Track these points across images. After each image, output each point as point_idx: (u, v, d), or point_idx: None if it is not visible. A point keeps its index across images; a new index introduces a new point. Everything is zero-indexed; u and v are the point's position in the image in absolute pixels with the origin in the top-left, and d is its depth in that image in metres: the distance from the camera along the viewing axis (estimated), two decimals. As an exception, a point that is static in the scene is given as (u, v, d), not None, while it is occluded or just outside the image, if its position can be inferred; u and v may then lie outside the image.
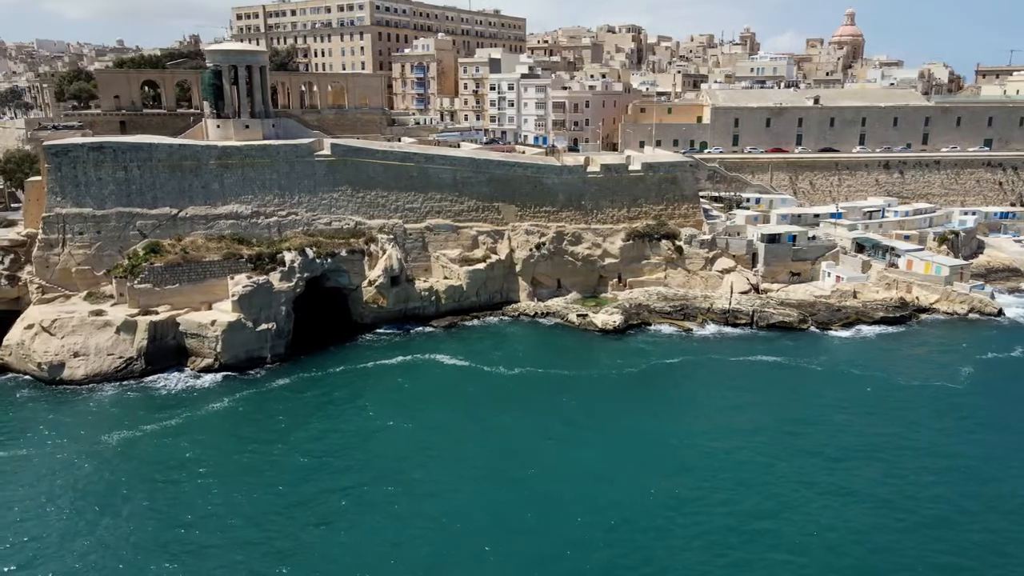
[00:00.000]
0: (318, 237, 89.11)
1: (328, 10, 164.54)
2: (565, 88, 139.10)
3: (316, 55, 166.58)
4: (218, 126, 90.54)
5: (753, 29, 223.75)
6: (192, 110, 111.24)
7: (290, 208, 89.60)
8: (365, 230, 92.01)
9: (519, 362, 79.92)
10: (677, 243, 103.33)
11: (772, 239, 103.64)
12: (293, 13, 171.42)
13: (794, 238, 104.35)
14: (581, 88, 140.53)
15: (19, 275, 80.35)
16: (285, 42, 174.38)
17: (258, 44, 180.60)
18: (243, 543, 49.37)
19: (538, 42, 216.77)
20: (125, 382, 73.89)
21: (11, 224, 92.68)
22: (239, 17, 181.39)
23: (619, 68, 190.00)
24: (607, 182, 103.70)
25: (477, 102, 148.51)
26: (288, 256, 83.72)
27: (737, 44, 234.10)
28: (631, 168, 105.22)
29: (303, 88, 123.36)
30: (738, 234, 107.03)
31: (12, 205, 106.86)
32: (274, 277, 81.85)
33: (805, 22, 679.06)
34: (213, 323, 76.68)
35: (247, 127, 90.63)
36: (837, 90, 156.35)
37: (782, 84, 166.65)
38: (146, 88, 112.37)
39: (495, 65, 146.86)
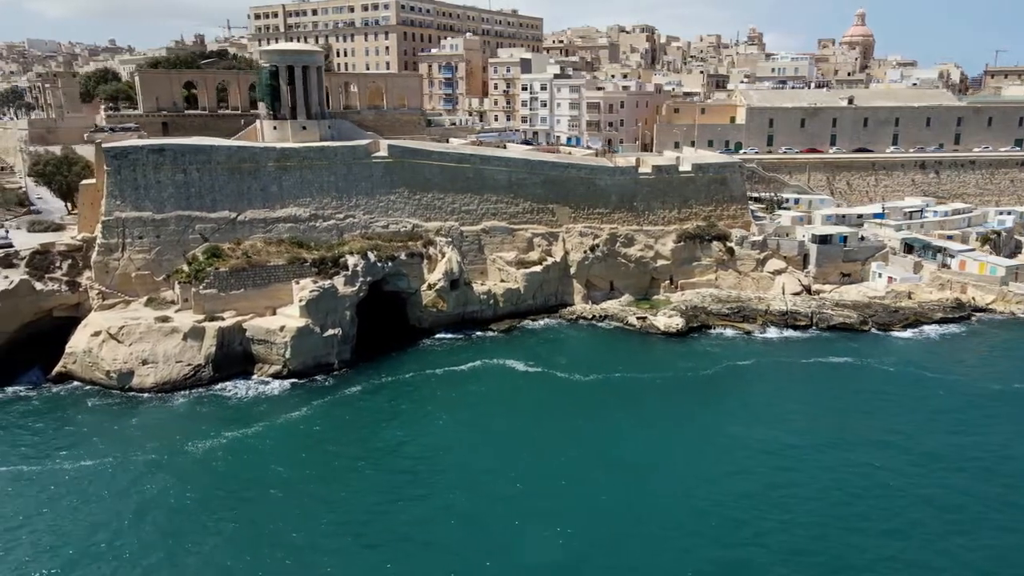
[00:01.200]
0: (376, 240, 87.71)
1: (351, 9, 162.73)
2: (599, 89, 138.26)
3: (338, 55, 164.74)
4: (275, 127, 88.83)
5: (722, 29, 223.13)
6: (230, 111, 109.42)
7: (348, 211, 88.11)
8: (422, 233, 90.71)
9: (588, 367, 78.84)
10: (728, 244, 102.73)
11: (824, 240, 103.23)
12: (314, 12, 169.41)
13: (845, 239, 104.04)
14: (615, 88, 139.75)
15: (79, 281, 78.31)
16: (305, 41, 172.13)
17: (276, 44, 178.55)
18: (341, 555, 48.12)
19: (553, 42, 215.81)
20: (194, 390, 72.19)
21: (59, 228, 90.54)
22: (256, 16, 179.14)
23: (637, 68, 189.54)
24: (658, 183, 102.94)
25: (508, 102, 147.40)
26: (351, 260, 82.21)
27: (752, 44, 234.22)
28: (681, 169, 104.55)
29: (339, 88, 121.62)
30: (787, 235, 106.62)
31: (41, 208, 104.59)
32: (338, 281, 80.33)
33: (787, 23, 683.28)
34: (282, 329, 75.11)
35: (304, 128, 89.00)
36: (869, 90, 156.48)
37: (811, 84, 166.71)
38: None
39: (526, 65, 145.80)
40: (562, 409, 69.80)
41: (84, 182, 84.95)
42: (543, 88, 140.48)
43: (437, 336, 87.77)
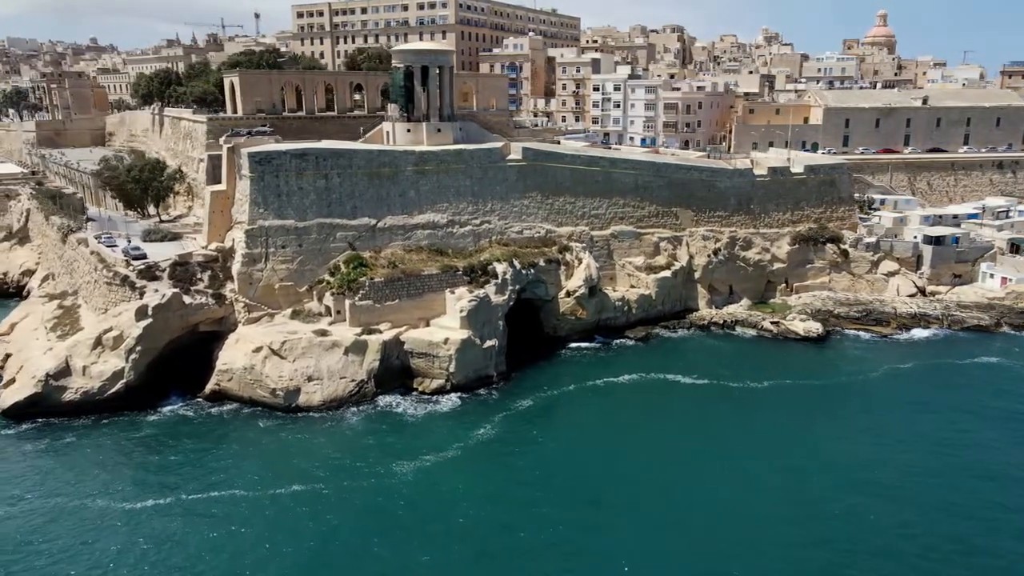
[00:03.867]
0: (514, 247, 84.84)
1: (405, 8, 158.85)
2: (675, 89, 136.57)
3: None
4: (408, 130, 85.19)
5: (689, 28, 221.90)
6: (329, 112, 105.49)
7: (483, 216, 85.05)
8: (555, 238, 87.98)
9: (753, 374, 76.72)
10: (842, 247, 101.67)
11: (937, 241, 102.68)
12: (363, 11, 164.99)
13: (958, 239, 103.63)
14: (690, 89, 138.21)
15: (223, 293, 74.12)
16: (354, 41, 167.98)
17: (321, 44, 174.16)
18: None
19: (587, 42, 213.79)
20: (360, 407, 68.70)
21: (175, 237, 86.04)
22: (299, 15, 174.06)
23: (682, 68, 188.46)
24: (772, 185, 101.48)
25: (576, 103, 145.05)
26: (499, 268, 79.23)
27: (783, 45, 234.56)
28: (794, 170, 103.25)
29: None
30: (896, 236, 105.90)
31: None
32: (489, 290, 77.32)
33: (745, 22, 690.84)
34: (446, 342, 71.83)
35: (439, 131, 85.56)
36: (941, 90, 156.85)
37: (878, 85, 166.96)
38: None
39: (595, 65, 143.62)
40: (757, 421, 67.50)
41: (213, 188, 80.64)
42: (616, 89, 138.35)
43: (573, 345, 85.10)
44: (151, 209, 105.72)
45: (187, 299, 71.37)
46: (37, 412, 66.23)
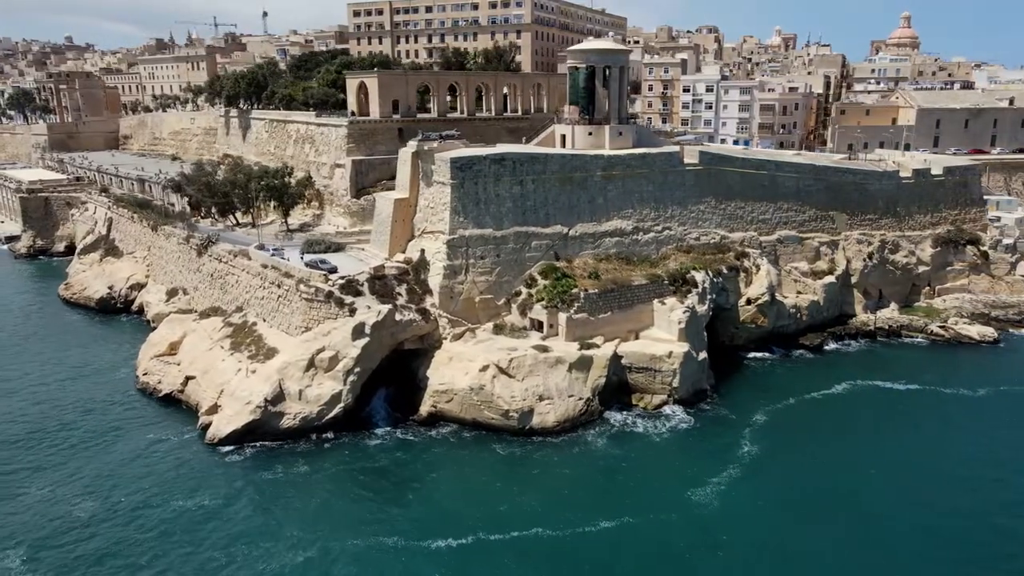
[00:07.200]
0: (694, 254, 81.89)
1: (475, 7, 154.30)
2: (771, 91, 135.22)
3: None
4: (589, 133, 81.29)
5: (669, 25, 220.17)
6: (453, 114, 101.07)
7: (664, 222, 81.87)
8: (729, 244, 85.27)
9: (958, 381, 75.10)
10: (981, 248, 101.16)
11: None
12: (428, 10, 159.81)
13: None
14: (783, 91, 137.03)
15: (427, 308, 69.52)
16: (417, 40, 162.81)
17: (380, 43, 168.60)
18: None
19: (630, 42, 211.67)
20: (595, 427, 64.92)
21: (339, 248, 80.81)
22: (356, 14, 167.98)
23: (744, 68, 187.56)
24: (916, 187, 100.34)
25: (664, 104, 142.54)
26: (698, 277, 76.19)
27: (821, 46, 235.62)
28: (933, 172, 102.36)
29: (531, 89, 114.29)
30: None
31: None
32: (692, 300, 74.23)
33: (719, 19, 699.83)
34: (670, 355, 68.50)
35: (620, 134, 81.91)
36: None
37: (957, 85, 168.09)
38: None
39: (684, 66, 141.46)
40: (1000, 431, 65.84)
41: (395, 196, 75.72)
42: (709, 90, 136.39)
43: (753, 355, 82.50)
44: (233, 218, 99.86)
45: (397, 316, 66.65)
46: (252, 438, 61.20)
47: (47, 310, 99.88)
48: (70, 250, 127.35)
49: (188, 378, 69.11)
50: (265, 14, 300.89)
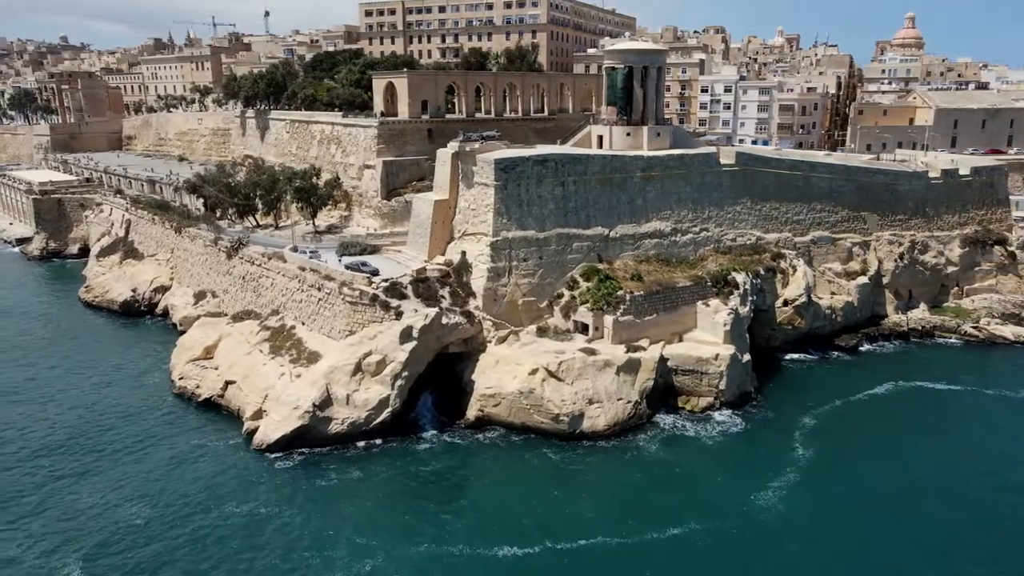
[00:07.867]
0: (731, 255, 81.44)
1: (490, 7, 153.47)
2: (790, 91, 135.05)
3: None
4: (627, 134, 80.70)
5: (673, 26, 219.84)
6: (484, 115, 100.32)
7: (702, 223, 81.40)
8: (764, 245, 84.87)
9: (998, 382, 75.05)
10: (1009, 248, 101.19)
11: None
12: (441, 10, 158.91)
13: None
14: (802, 91, 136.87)
15: (471, 311, 68.74)
16: (430, 40, 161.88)
17: (392, 43, 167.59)
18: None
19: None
20: (645, 431, 64.29)
21: (374, 250, 79.94)
22: (368, 13, 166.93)
23: (758, 68, 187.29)
24: (944, 188, 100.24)
25: (681, 104, 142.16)
26: (740, 278, 75.71)
27: (829, 46, 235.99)
28: (961, 173, 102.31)
29: (555, 90, 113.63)
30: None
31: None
32: (735, 302, 73.74)
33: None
34: (717, 357, 68.02)
35: (658, 135, 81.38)
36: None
37: (970, 85, 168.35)
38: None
39: (702, 66, 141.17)
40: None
41: (434, 198, 74.92)
42: (727, 90, 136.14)
43: (790, 356, 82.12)
44: (253, 219, 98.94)
45: (444, 319, 65.84)
46: (300, 444, 60.29)
47: (69, 313, 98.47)
48: (84, 252, 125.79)
49: (228, 383, 68.05)
50: (267, 14, 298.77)
